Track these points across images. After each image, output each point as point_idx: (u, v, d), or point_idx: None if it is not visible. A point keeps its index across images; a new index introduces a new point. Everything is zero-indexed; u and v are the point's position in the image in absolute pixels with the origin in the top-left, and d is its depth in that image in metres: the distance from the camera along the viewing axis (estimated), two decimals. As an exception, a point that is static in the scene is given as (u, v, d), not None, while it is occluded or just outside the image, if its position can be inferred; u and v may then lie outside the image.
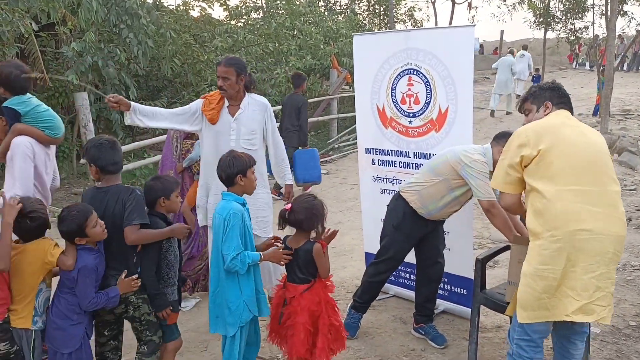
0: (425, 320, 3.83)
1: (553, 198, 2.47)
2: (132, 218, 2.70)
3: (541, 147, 2.51)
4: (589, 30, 15.67)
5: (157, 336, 2.87)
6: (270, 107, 3.96)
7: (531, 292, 2.52)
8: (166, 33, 9.12)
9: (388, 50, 4.07)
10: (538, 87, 2.86)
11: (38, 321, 2.66)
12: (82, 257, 2.64)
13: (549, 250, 2.46)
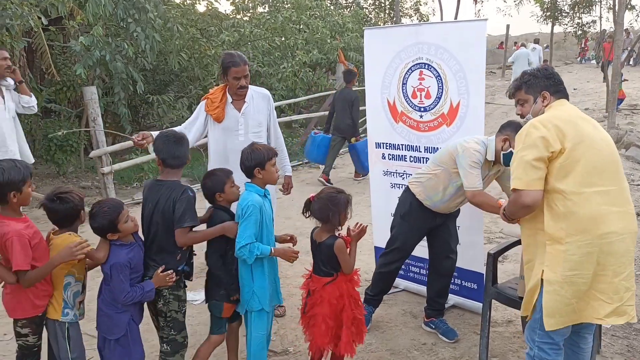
0: (436, 314, 3.85)
1: (580, 201, 2.37)
2: (183, 220, 2.72)
3: (566, 144, 2.39)
4: (596, 24, 15.54)
5: (180, 336, 2.88)
6: (270, 97, 3.99)
7: (560, 300, 2.43)
8: (173, 27, 9.12)
9: (399, 44, 4.06)
10: (531, 75, 2.66)
11: (69, 313, 2.69)
12: (115, 253, 2.67)
13: (577, 255, 2.38)
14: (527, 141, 2.44)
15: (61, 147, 8.98)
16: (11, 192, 2.51)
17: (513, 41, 26.52)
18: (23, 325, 2.64)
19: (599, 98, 15.73)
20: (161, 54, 9.69)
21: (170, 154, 2.84)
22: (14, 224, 2.52)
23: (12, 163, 2.55)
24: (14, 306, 2.61)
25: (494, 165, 3.45)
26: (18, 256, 2.46)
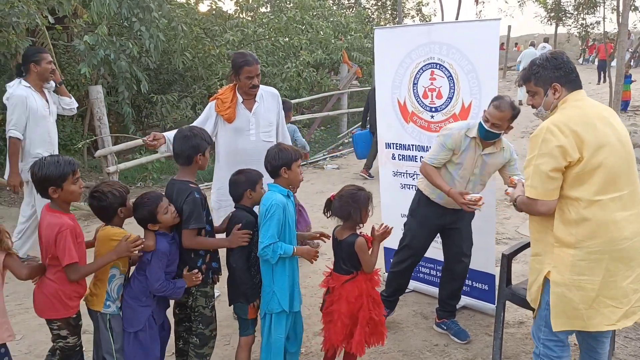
0: (448, 315, 3.83)
1: (594, 209, 2.33)
2: (188, 222, 2.74)
3: (584, 152, 2.30)
4: (600, 25, 15.55)
5: (208, 329, 2.92)
6: (280, 97, 3.97)
7: (567, 302, 2.42)
8: (178, 26, 9.09)
9: (410, 44, 4.04)
10: (539, 66, 2.52)
11: (111, 305, 2.72)
12: (158, 241, 2.72)
13: (586, 261, 2.36)
14: (543, 148, 2.35)
15: (64, 147, 8.94)
16: (50, 187, 2.52)
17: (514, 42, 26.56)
18: (59, 327, 2.65)
19: (601, 99, 15.74)
20: (165, 53, 9.65)
21: (176, 149, 2.88)
22: (65, 218, 2.56)
23: (55, 159, 2.56)
24: (45, 306, 2.62)
25: (486, 147, 3.44)
26: (71, 249, 2.49)
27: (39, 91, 4.57)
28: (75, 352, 2.73)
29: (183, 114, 10.15)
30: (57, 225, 2.51)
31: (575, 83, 2.49)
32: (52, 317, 2.63)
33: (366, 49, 13.33)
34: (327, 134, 12.63)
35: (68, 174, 2.54)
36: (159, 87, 10.60)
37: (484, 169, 3.50)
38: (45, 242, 2.56)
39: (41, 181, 2.53)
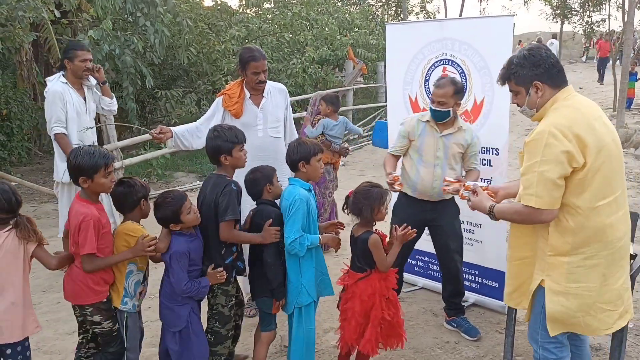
0: (456, 312, 3.82)
1: (591, 215, 2.27)
2: (225, 214, 2.73)
3: (588, 157, 2.22)
4: (605, 23, 15.53)
5: (225, 329, 2.90)
6: (286, 92, 3.94)
7: (565, 311, 2.37)
8: (183, 22, 9.05)
9: (422, 40, 4.02)
10: (517, 65, 2.40)
11: (128, 302, 2.74)
12: (175, 242, 2.71)
13: (582, 267, 2.31)
14: (547, 154, 2.21)
15: (69, 142, 8.93)
16: (81, 176, 2.55)
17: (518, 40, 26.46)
18: (92, 312, 2.66)
19: (605, 97, 15.72)
20: (170, 48, 9.62)
21: (207, 148, 2.91)
22: (92, 208, 2.57)
23: (91, 149, 2.58)
24: (75, 292, 2.65)
25: (444, 129, 3.48)
26: (90, 240, 2.51)
27: (76, 87, 4.43)
28: (113, 338, 2.72)
29: (187, 109, 10.13)
30: (82, 214, 2.53)
31: (559, 78, 2.37)
32: (82, 302, 2.65)
33: (371, 46, 13.29)
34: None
35: (100, 166, 2.56)
36: (164, 83, 10.57)
37: (447, 151, 3.49)
38: (72, 230, 2.59)
39: (74, 169, 2.56)
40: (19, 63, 8.72)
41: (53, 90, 4.29)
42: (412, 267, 4.52)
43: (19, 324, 2.53)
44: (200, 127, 3.67)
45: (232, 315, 2.94)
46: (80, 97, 4.44)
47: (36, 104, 9.02)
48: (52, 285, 4.62)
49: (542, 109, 2.38)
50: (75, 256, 2.62)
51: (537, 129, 2.29)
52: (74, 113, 4.36)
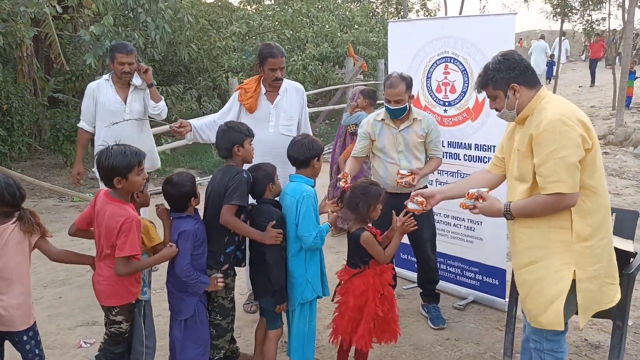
0: (430, 300, 3.94)
1: (604, 194, 2.43)
2: (231, 197, 2.75)
3: (593, 139, 2.34)
4: (605, 22, 15.53)
5: (225, 321, 2.93)
6: (303, 92, 3.91)
7: (591, 295, 2.43)
8: (184, 18, 9.05)
9: (424, 37, 4.03)
10: (494, 70, 2.48)
11: (146, 292, 2.80)
12: (182, 223, 2.75)
13: (600, 248, 2.42)
14: (563, 141, 2.28)
15: (69, 137, 8.91)
16: (115, 177, 2.53)
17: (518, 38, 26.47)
18: (117, 313, 2.69)
19: (605, 96, 15.73)
20: (171, 44, 9.61)
21: (217, 143, 2.98)
22: (129, 209, 2.59)
23: (122, 149, 2.56)
24: (110, 294, 2.66)
25: (401, 123, 3.60)
26: (132, 242, 2.52)
27: (119, 86, 4.35)
28: (124, 339, 2.78)
29: (188, 106, 10.13)
30: (122, 216, 2.53)
31: (533, 79, 2.49)
32: (114, 304, 2.67)
33: (371, 43, 13.28)
34: (331, 128, 12.60)
35: (134, 165, 2.56)
36: (164, 79, 10.57)
37: (408, 144, 3.60)
38: (106, 231, 2.57)
39: (107, 170, 2.53)
40: (19, 58, 8.72)
41: (89, 85, 4.42)
42: (413, 264, 4.53)
43: (29, 312, 2.59)
44: (218, 120, 3.71)
45: (232, 308, 2.96)
46: (118, 96, 4.33)
47: (36, 99, 9.02)
48: (53, 280, 4.63)
49: (526, 109, 2.46)
50: (109, 257, 2.61)
51: (544, 121, 2.33)
52: (106, 111, 4.30)
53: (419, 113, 3.63)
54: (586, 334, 3.66)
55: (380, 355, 3.45)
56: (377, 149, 3.69)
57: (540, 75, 16.61)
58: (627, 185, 7.74)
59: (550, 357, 2.56)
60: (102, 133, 4.34)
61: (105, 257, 2.63)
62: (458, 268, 4.26)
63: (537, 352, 2.59)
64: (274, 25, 11.72)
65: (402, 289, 4.39)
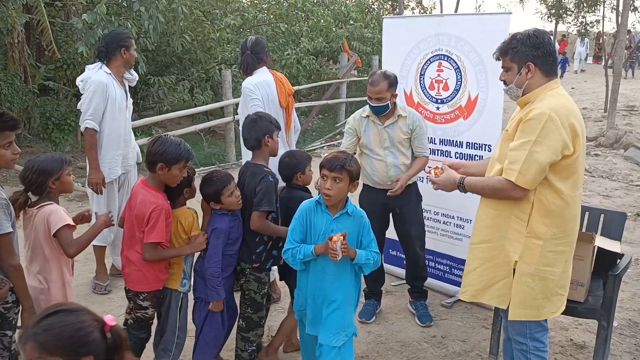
0: (417, 296, 3.95)
1: (571, 203, 2.40)
2: (259, 204, 2.81)
3: (577, 146, 2.32)
4: (599, 24, 15.63)
5: (257, 315, 3.00)
6: (243, 89, 3.80)
7: (529, 292, 2.46)
8: (178, 8, 8.96)
9: (419, 34, 4.02)
10: (519, 41, 2.42)
11: (186, 284, 2.87)
12: (217, 220, 2.83)
13: (553, 252, 2.42)
14: (543, 136, 2.26)
15: (59, 126, 8.83)
16: (160, 163, 2.61)
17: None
18: (145, 298, 2.76)
19: (597, 98, 15.81)
20: (164, 35, 9.51)
21: (243, 134, 3.00)
22: (160, 197, 2.65)
23: (178, 141, 2.66)
24: (140, 279, 2.73)
25: (385, 120, 3.59)
26: (159, 229, 2.59)
27: (119, 81, 4.09)
28: (148, 325, 2.86)
29: (180, 97, 10.04)
30: (153, 204, 2.60)
31: (551, 68, 2.43)
32: (142, 289, 2.74)
33: (366, 39, 13.25)
34: (324, 123, 12.58)
35: (182, 159, 2.64)
36: (156, 69, 10.47)
37: (393, 140, 3.61)
38: (137, 217, 2.64)
39: (156, 155, 2.61)
40: (10, 45, 8.61)
41: (98, 81, 3.90)
42: (401, 261, 4.53)
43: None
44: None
45: (264, 303, 3.00)
46: (122, 90, 4.10)
47: (27, 87, 8.92)
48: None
49: (530, 93, 2.42)
50: (138, 243, 2.68)
51: (535, 111, 2.31)
52: (116, 108, 4.02)
53: (404, 109, 3.62)
54: (572, 334, 3.68)
55: (367, 351, 3.46)
56: (363, 146, 3.70)
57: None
58: (617, 187, 7.79)
59: (536, 356, 2.58)
60: (109, 134, 4.03)
61: (135, 243, 2.70)
62: (447, 265, 4.27)
63: (523, 353, 2.60)
64: (269, 18, 11.65)
65: (390, 286, 4.40)
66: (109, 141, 4.05)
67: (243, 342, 2.98)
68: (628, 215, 5.57)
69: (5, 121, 2.39)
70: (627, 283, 4.45)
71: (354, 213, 2.59)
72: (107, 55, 4.02)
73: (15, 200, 2.53)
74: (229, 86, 8.98)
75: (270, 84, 3.83)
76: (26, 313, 2.45)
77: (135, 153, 4.41)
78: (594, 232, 3.24)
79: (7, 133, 2.40)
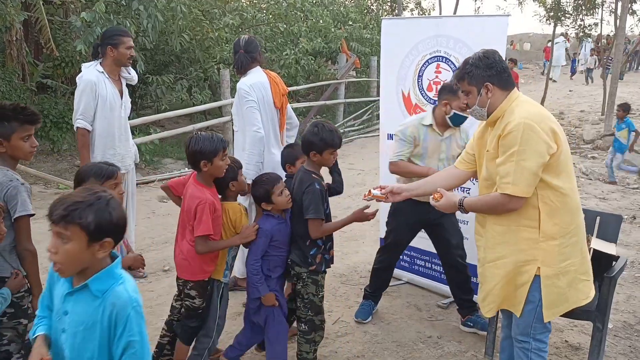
0: (470, 312, 3.73)
1: (570, 193, 2.46)
2: (307, 212, 2.88)
3: (559, 143, 2.39)
4: (597, 27, 15.68)
5: (317, 318, 3.04)
6: (237, 90, 3.77)
7: (557, 291, 2.49)
8: (176, 7, 8.97)
9: (417, 36, 4.02)
10: (472, 65, 2.51)
11: (228, 275, 2.99)
12: (262, 220, 2.96)
13: (569, 246, 2.47)
14: (525, 146, 2.33)
15: (57, 124, 8.83)
16: (202, 160, 2.73)
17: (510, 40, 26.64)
18: (191, 287, 2.88)
19: (595, 101, 15.86)
20: (162, 34, 9.52)
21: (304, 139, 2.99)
22: (207, 192, 2.78)
23: (210, 135, 2.78)
24: (186, 268, 2.87)
25: (445, 130, 3.55)
26: (206, 223, 2.71)
27: (113, 78, 4.03)
28: (197, 314, 2.93)
29: (178, 96, 10.06)
30: (198, 198, 2.73)
31: (508, 82, 2.52)
32: (187, 278, 2.87)
33: (365, 40, 13.28)
34: (321, 124, 12.59)
35: (220, 150, 2.75)
36: (155, 68, 10.47)
37: (449, 152, 3.56)
38: (186, 211, 2.80)
39: (195, 153, 2.73)
40: (8, 42, 8.59)
41: (86, 79, 3.89)
42: (398, 262, 4.54)
43: None
44: None
45: (322, 306, 3.05)
46: (116, 89, 4.04)
47: (25, 84, 8.91)
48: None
49: (498, 110, 2.50)
50: (190, 234, 2.80)
51: (511, 124, 2.38)
52: (108, 107, 3.97)
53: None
54: (567, 336, 3.69)
55: (362, 351, 3.47)
56: (417, 155, 3.54)
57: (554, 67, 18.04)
58: (613, 190, 7.82)
59: (537, 356, 2.61)
60: (101, 132, 3.99)
61: (186, 234, 2.83)
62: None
63: (524, 351, 2.64)
64: (268, 18, 11.67)
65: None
66: (102, 140, 4.01)
67: (308, 345, 3.03)
68: (624, 218, 5.60)
69: (27, 114, 2.50)
70: (623, 285, 4.47)
71: (105, 295, 1.64)
72: (100, 53, 4.02)
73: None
74: (227, 85, 9.00)
75: (265, 85, 3.81)
76: (36, 300, 2.48)
77: (133, 152, 4.39)
78: (589, 234, 3.26)
79: (27, 126, 2.50)
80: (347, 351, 3.46)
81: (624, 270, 3.63)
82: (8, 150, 2.47)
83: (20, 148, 2.49)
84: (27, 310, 2.51)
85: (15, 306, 2.46)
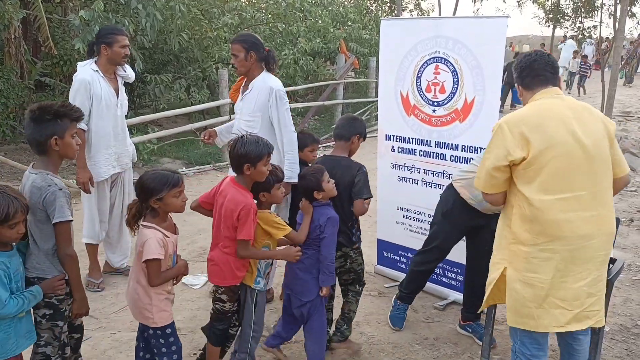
0: (474, 317, 3.68)
1: (542, 208, 2.37)
2: (362, 193, 3.14)
3: (531, 151, 2.35)
4: (597, 29, 15.71)
5: (353, 312, 3.41)
6: (276, 91, 3.64)
7: (518, 299, 2.48)
8: (175, 6, 8.96)
9: (416, 36, 4.02)
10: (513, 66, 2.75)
11: (260, 282, 2.98)
12: (324, 211, 2.99)
13: (538, 259, 2.41)
14: (491, 145, 2.50)
15: (54, 123, 8.80)
16: (246, 164, 2.73)
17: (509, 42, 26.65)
18: (222, 292, 2.91)
19: (593, 103, 15.85)
20: (161, 33, 9.51)
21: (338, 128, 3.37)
22: (249, 196, 2.78)
23: (256, 139, 2.79)
24: (216, 273, 2.88)
25: None
26: (249, 227, 2.72)
27: (108, 77, 4.00)
28: (226, 318, 2.98)
29: (176, 95, 10.04)
30: (242, 203, 2.72)
31: (532, 83, 2.60)
32: (217, 283, 2.89)
33: (364, 40, 13.27)
34: (320, 124, 12.59)
35: (264, 155, 2.76)
36: (153, 67, 10.45)
37: None
38: (225, 213, 2.76)
39: (240, 156, 2.74)
40: (7, 40, 8.57)
41: (80, 78, 3.87)
42: (395, 263, 4.55)
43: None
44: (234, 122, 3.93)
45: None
46: (111, 88, 4.01)
47: (23, 82, 8.89)
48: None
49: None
50: (224, 239, 2.80)
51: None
52: (103, 106, 3.94)
53: None
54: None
55: (359, 352, 3.46)
56: None
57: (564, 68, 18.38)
58: (611, 192, 7.81)
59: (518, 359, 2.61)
60: (97, 132, 3.97)
61: (220, 239, 2.82)
62: (439, 268, 4.25)
63: (512, 353, 2.67)
64: (267, 18, 11.66)
65: (383, 287, 4.40)
66: (98, 139, 4.00)
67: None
68: (621, 221, 5.60)
69: (76, 112, 2.56)
70: (620, 288, 4.47)
71: None
72: (95, 51, 4.01)
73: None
74: (226, 85, 8.98)
75: None
76: (77, 304, 2.56)
77: (131, 151, 4.37)
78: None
79: (75, 124, 2.57)
80: (343, 351, 3.44)
81: (621, 273, 3.63)
82: (61, 148, 2.49)
83: (71, 146, 2.54)
84: (64, 312, 2.54)
85: (54, 307, 2.50)
